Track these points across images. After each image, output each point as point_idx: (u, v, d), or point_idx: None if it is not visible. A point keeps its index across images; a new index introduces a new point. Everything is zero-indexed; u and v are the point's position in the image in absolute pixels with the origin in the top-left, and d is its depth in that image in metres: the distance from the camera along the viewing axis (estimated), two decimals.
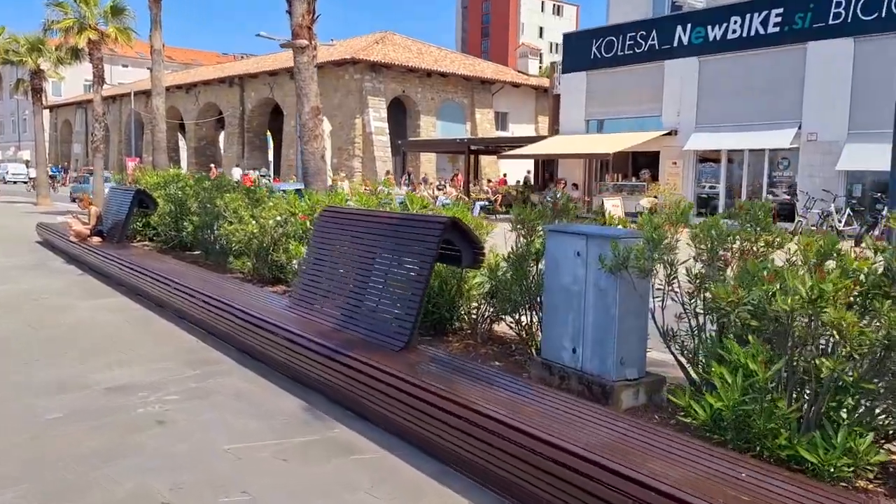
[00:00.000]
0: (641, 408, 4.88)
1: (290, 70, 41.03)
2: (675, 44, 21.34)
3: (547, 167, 31.30)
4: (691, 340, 4.82)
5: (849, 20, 17.56)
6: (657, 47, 21.86)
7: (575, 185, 24.63)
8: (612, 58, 23.15)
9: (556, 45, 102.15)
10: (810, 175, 18.34)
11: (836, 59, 17.79)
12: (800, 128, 18.54)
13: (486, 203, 24.44)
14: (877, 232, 15.42)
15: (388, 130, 38.14)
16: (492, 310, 6.49)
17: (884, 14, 16.96)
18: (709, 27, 20.50)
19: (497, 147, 31.56)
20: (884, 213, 15.73)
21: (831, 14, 17.87)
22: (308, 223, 8.55)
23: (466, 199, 24.65)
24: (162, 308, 8.23)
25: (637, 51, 22.42)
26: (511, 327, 6.28)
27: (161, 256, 10.95)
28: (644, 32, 22.23)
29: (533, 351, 6.06)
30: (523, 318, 6.15)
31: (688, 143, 20.74)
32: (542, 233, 5.78)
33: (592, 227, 5.46)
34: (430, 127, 40.23)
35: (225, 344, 6.68)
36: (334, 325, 5.75)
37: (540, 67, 52.22)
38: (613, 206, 19.49)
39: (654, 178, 22.52)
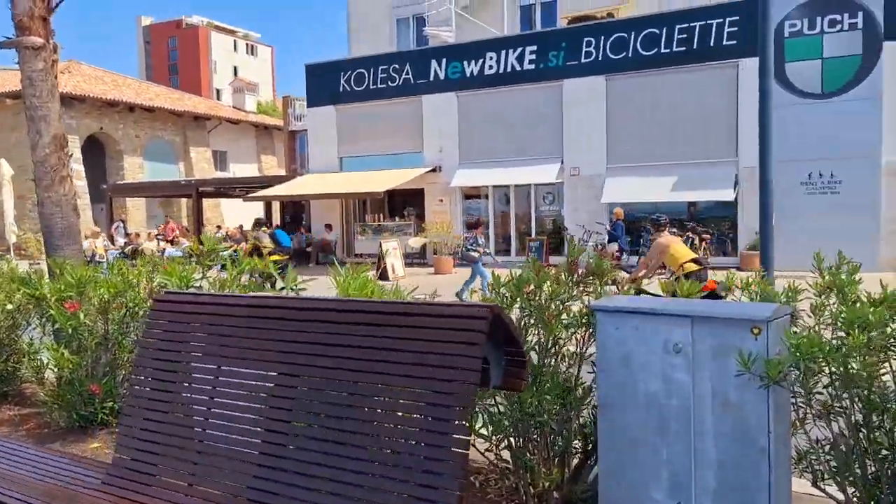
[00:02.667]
0: None
1: None
2: (432, 78, 20.56)
3: (287, 210, 28.79)
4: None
5: (600, 59, 18.23)
6: (412, 81, 20.88)
7: (329, 227, 22.49)
8: (364, 92, 21.66)
9: (255, 84, 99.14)
10: (576, 209, 18.59)
11: (590, 95, 18.34)
12: (563, 162, 18.76)
13: (233, 253, 21.11)
14: None
15: (84, 174, 32.27)
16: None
17: (630, 54, 17.86)
18: (465, 62, 20.06)
19: (229, 189, 28.17)
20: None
21: (583, 52, 18.42)
22: (82, 315, 5.36)
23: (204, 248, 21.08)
24: None
25: (391, 84, 21.22)
26: (489, 455, 4.08)
27: None
28: (397, 66, 21.13)
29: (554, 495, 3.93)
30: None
31: (453, 180, 19.94)
32: (567, 312, 3.68)
33: (689, 302, 3.54)
34: (136, 168, 35.05)
35: None
36: None
37: (258, 103, 49.30)
38: (393, 248, 17.78)
39: (419, 216, 21.37)
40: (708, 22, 16.99)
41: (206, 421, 3.43)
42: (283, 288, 5.01)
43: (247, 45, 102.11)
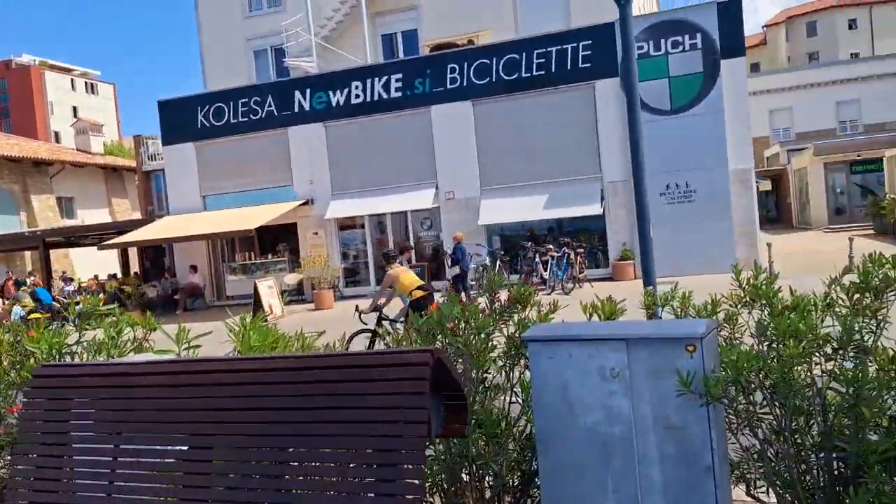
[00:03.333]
0: None
1: None
2: (297, 109, 20.11)
3: (147, 255, 27.12)
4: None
5: (465, 84, 18.57)
6: (276, 113, 20.32)
7: (193, 268, 21.31)
8: (226, 126, 20.83)
9: (100, 124, 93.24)
10: (454, 232, 18.67)
11: (458, 121, 18.62)
12: (437, 187, 18.87)
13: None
14: (538, 277, 16.21)
15: None
16: None
17: (494, 79, 18.33)
18: (330, 92, 19.78)
19: (80, 237, 26.13)
20: (536, 259, 16.72)
21: (448, 79, 18.69)
22: None
23: (57, 304, 19.34)
24: None
25: (254, 118, 20.54)
26: None
27: None
28: (259, 98, 20.50)
29: None
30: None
31: (328, 212, 19.53)
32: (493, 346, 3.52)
33: (622, 324, 3.47)
34: None
35: None
36: None
37: (105, 144, 46.35)
38: (269, 287, 17.06)
39: (293, 251, 20.74)
40: (564, 46, 17.77)
41: None
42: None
43: (86, 83, 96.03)
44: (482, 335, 3.57)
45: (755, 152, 27.91)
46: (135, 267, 28.79)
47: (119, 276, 26.08)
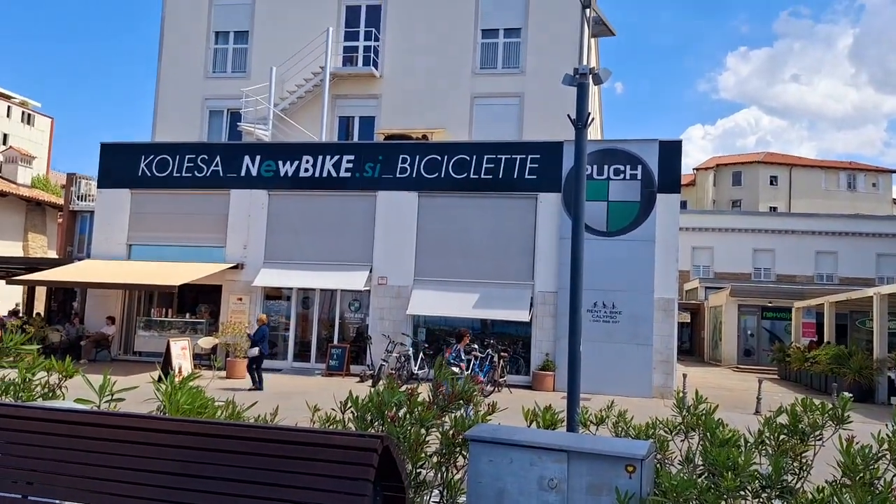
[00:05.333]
0: None
1: None
2: (243, 173, 20.01)
3: (55, 296, 25.81)
4: None
5: (414, 175, 18.96)
6: (221, 174, 20.15)
7: (111, 320, 20.38)
8: (167, 178, 20.48)
9: (32, 156, 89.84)
10: (381, 318, 18.62)
11: (403, 209, 18.88)
12: (371, 271, 18.86)
13: None
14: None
15: None
16: None
17: (442, 175, 18.79)
18: (279, 162, 19.84)
19: None
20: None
21: (398, 168, 19.06)
22: None
23: None
24: None
25: (198, 175, 20.29)
26: None
27: None
28: (206, 156, 20.34)
29: None
30: None
31: (257, 279, 19.15)
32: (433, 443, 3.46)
33: (564, 435, 3.46)
34: None
35: None
36: None
37: (34, 177, 44.72)
38: (182, 348, 16.35)
39: (213, 314, 20.10)
40: (513, 156, 18.48)
41: None
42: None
43: (23, 112, 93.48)
44: (422, 428, 3.53)
45: None
46: (39, 308, 27.27)
47: (22, 314, 24.58)
